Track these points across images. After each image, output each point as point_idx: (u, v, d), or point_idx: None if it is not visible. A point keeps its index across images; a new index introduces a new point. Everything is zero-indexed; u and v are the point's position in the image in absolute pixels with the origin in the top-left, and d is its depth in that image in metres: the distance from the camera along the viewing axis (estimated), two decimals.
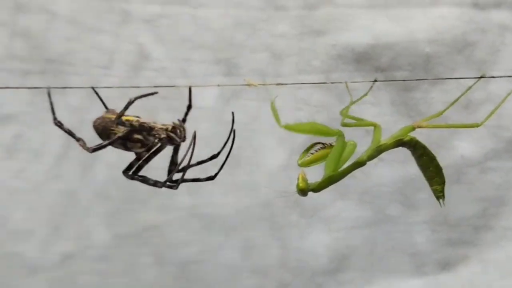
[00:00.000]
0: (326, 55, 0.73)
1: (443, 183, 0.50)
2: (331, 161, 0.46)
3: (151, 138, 0.45)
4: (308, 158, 0.47)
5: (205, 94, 0.72)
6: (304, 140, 0.67)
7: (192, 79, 0.72)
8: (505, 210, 0.74)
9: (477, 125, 0.49)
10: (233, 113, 0.47)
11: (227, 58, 0.73)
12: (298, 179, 0.47)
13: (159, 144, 0.45)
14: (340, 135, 0.46)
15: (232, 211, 0.74)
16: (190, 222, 0.73)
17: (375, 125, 0.48)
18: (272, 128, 0.72)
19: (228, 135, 0.49)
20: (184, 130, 0.46)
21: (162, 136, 0.45)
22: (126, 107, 0.43)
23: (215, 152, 0.63)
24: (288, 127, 0.47)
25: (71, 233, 0.73)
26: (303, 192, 0.47)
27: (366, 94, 0.54)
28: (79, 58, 0.72)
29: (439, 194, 0.50)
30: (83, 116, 0.70)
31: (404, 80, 0.73)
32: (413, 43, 0.72)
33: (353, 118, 0.49)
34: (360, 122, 0.48)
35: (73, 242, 0.72)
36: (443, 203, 0.51)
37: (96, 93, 0.49)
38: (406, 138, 0.47)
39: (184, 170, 0.44)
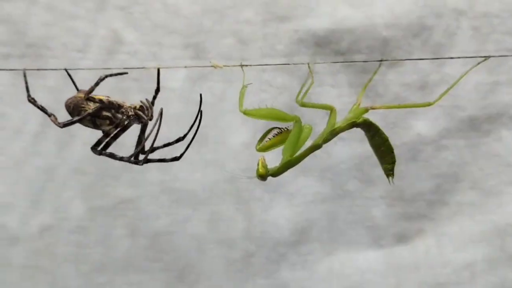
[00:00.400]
0: (288, 40, 0.76)
1: (393, 162, 0.51)
2: (289, 146, 0.48)
3: (119, 116, 0.46)
4: (265, 143, 0.49)
5: (174, 76, 0.76)
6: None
7: (162, 62, 0.76)
8: (459, 186, 0.77)
9: (430, 104, 0.50)
10: (201, 95, 0.50)
11: (196, 43, 0.77)
12: (258, 164, 0.49)
13: (126, 122, 0.47)
14: (297, 120, 0.48)
15: (199, 186, 0.78)
16: (161, 196, 0.77)
17: (331, 109, 0.49)
18: (237, 108, 0.76)
19: (195, 116, 0.51)
20: (151, 109, 0.47)
21: (130, 113, 0.46)
22: (96, 84, 0.45)
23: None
24: (247, 113, 0.49)
25: (49, 206, 0.77)
26: (262, 177, 0.48)
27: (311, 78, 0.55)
28: (57, 42, 0.77)
29: (389, 172, 0.52)
30: (59, 96, 0.74)
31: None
32: (371, 28, 0.76)
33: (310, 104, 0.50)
34: (317, 104, 0.50)
35: (51, 215, 0.77)
36: (392, 181, 0.52)
37: (69, 74, 0.51)
38: (360, 120, 0.49)
39: (149, 150, 0.46)
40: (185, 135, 0.50)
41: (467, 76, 0.75)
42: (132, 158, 0.47)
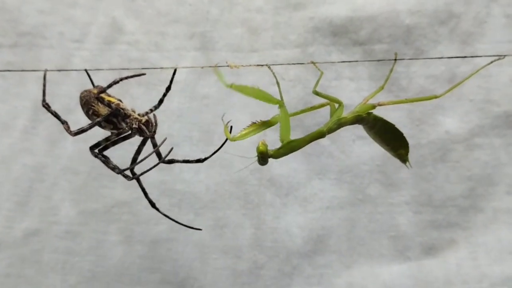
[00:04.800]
0: (302, 29, 0.75)
1: (406, 145, 0.52)
2: (283, 129, 0.49)
3: (123, 125, 0.48)
4: (241, 132, 0.52)
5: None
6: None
7: (165, 53, 0.73)
8: (495, 191, 0.72)
9: (436, 97, 0.50)
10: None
11: (202, 32, 0.76)
12: (258, 144, 0.51)
13: (129, 132, 0.48)
14: (281, 105, 0.49)
15: (203, 188, 0.74)
16: (160, 199, 0.73)
17: (340, 103, 0.50)
18: (245, 104, 0.72)
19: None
20: (155, 125, 0.49)
21: (134, 126, 0.48)
22: (109, 85, 0.46)
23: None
24: (234, 87, 0.50)
25: (36, 209, 0.73)
26: (262, 155, 0.50)
27: None
28: (52, 31, 0.75)
29: (406, 158, 0.53)
30: (53, 89, 0.71)
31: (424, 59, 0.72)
32: (393, 15, 0.73)
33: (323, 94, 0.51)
34: (329, 96, 0.50)
35: (38, 218, 0.73)
36: (410, 165, 0.53)
37: (89, 75, 0.53)
38: (365, 114, 0.50)
39: (135, 165, 0.49)
40: (205, 158, 0.52)
41: (500, 69, 0.71)
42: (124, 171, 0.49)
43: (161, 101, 0.49)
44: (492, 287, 0.70)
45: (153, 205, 0.54)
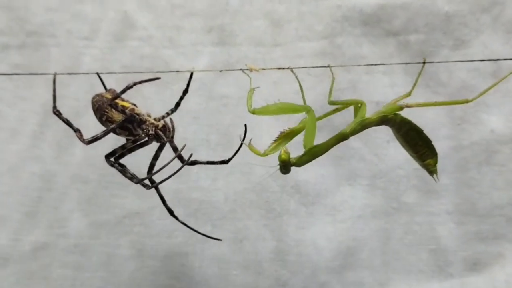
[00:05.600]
0: (330, 18, 0.70)
1: (435, 155, 0.51)
2: (308, 135, 0.49)
3: (139, 131, 0.48)
4: (271, 146, 0.51)
5: (194, 64, 0.70)
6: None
7: (180, 49, 0.71)
8: None
9: (468, 101, 0.49)
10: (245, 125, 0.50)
11: (220, 25, 0.72)
12: (280, 152, 0.50)
13: (145, 139, 0.48)
14: (309, 110, 0.49)
15: (221, 197, 0.71)
16: (175, 209, 0.68)
17: (361, 103, 0.50)
18: (268, 103, 0.68)
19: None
20: (173, 130, 0.48)
21: (150, 132, 0.47)
22: (123, 91, 0.46)
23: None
24: (256, 112, 0.51)
25: (45, 220, 0.71)
26: (285, 163, 0.49)
27: None
28: (61, 29, 0.72)
29: (433, 169, 0.51)
30: (63, 91, 0.68)
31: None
32: (430, 1, 0.68)
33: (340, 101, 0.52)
34: (346, 101, 0.51)
35: (46, 231, 0.71)
36: (437, 178, 0.52)
37: (100, 78, 0.52)
38: (391, 116, 0.49)
39: (152, 174, 0.49)
40: (230, 159, 0.51)
41: None
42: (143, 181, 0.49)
43: (177, 105, 0.48)
44: None
45: (171, 213, 0.54)
